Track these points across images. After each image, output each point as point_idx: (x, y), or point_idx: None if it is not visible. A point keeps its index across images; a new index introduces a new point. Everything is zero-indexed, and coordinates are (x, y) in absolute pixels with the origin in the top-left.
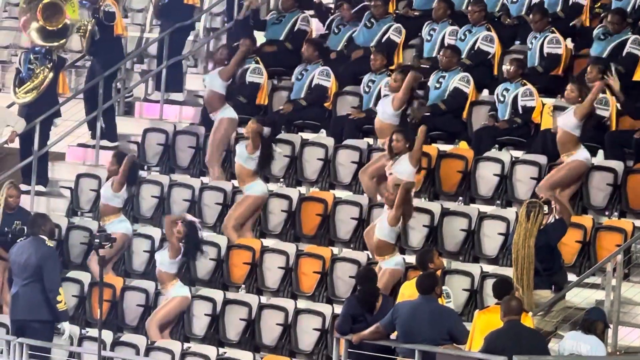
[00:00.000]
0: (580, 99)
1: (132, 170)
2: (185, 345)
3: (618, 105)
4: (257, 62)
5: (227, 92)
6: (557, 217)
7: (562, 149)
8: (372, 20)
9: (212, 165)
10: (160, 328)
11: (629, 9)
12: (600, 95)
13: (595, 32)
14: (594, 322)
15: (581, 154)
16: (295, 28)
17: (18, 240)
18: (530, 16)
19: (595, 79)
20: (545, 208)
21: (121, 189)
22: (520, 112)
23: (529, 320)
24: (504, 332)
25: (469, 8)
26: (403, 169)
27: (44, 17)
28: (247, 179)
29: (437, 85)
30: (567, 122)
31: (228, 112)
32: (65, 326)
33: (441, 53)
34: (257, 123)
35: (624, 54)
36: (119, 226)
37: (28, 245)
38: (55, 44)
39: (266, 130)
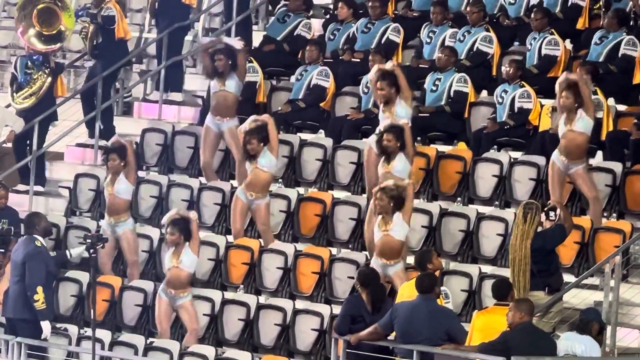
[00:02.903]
0: (576, 105)
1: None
2: (184, 345)
3: (616, 107)
4: (250, 62)
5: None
6: (559, 223)
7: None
8: (369, 25)
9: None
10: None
11: (627, 9)
12: (593, 97)
13: (593, 39)
14: (589, 322)
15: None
16: (295, 32)
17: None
18: (532, 15)
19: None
20: (552, 214)
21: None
22: (516, 113)
23: None
24: (520, 333)
25: (468, 9)
26: (402, 168)
27: (39, 22)
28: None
29: (434, 88)
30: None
31: (236, 120)
32: (44, 326)
33: (439, 52)
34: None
35: (619, 55)
36: (129, 224)
37: (20, 244)
38: (55, 47)
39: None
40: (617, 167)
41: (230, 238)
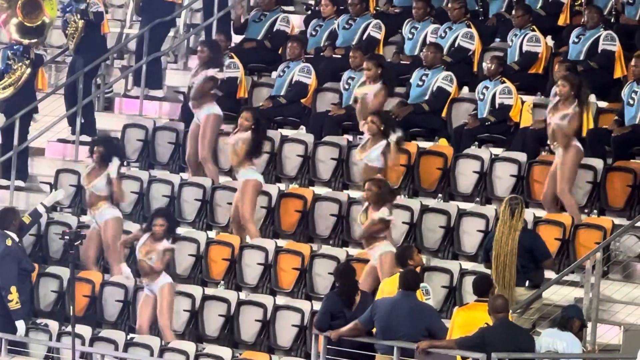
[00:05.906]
0: (572, 93)
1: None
2: (164, 341)
3: (597, 104)
4: (231, 57)
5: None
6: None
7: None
8: (350, 21)
9: (206, 162)
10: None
11: (607, 9)
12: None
13: (570, 38)
14: (570, 319)
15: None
16: (275, 28)
17: None
18: (513, 12)
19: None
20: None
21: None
22: (497, 109)
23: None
24: (497, 329)
25: (449, 5)
26: (375, 156)
27: (23, 13)
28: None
29: (420, 83)
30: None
31: (215, 109)
32: (19, 325)
33: (425, 49)
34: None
35: (599, 51)
36: (111, 211)
37: None
38: (33, 40)
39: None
40: (598, 163)
41: (211, 234)
